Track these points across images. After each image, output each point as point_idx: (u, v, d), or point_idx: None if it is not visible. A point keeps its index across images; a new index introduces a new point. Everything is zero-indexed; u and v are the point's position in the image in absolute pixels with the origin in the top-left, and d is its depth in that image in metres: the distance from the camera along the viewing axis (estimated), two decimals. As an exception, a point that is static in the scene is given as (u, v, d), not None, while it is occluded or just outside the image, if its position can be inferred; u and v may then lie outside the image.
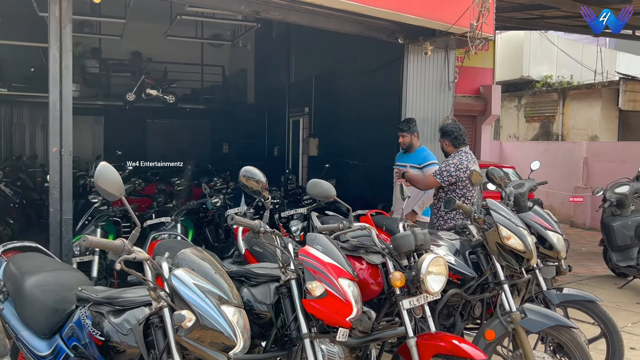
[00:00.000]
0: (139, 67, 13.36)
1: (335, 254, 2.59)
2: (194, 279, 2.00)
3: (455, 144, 4.92)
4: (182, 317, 1.91)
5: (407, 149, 5.67)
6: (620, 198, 6.90)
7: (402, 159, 5.79)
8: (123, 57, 13.60)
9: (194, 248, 2.20)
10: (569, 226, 12.57)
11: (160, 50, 13.18)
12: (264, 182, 2.55)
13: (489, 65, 12.52)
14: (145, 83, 12.59)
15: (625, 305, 6.09)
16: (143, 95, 12.63)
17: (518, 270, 3.47)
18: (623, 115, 14.24)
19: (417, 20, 5.48)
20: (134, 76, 12.98)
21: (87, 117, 14.73)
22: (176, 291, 1.98)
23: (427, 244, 3.01)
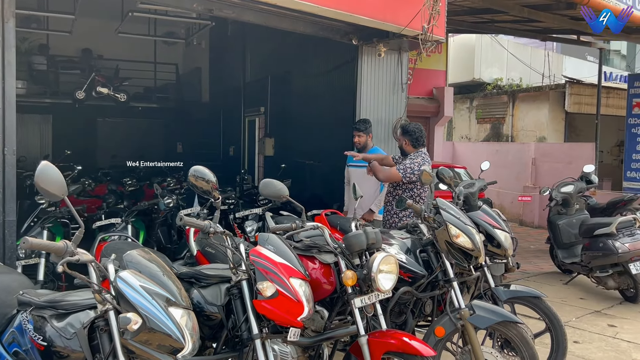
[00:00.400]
0: (89, 64, 13.00)
1: (287, 253, 2.58)
2: (140, 280, 1.96)
3: (415, 145, 5.01)
4: (128, 320, 1.87)
5: (362, 149, 5.74)
6: (566, 197, 7.16)
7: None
8: (73, 54, 13.19)
9: (141, 249, 2.16)
10: (518, 225, 12.95)
11: (111, 47, 12.85)
12: (214, 181, 2.52)
13: (441, 67, 12.74)
14: (96, 81, 12.26)
15: (570, 301, 6.32)
16: (93, 93, 12.30)
17: (467, 267, 3.55)
18: (569, 117, 14.77)
19: (370, 21, 5.53)
20: (84, 74, 12.62)
21: (34, 116, 14.20)
22: (122, 293, 1.94)
23: (378, 243, 3.05)
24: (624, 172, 11.93)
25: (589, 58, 21.07)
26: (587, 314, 5.84)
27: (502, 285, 4.06)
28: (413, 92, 12.12)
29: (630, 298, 6.26)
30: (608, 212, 7.87)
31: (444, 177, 4.27)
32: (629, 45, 25.91)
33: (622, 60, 27.78)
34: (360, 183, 5.29)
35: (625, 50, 27.34)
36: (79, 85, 12.27)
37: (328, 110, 7.94)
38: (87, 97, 12.31)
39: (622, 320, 5.62)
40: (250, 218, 6.74)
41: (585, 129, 14.90)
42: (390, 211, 5.15)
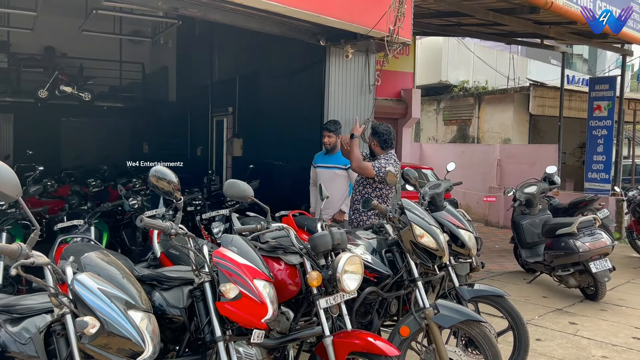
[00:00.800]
0: (53, 62, 12.68)
1: (251, 255, 2.56)
2: (98, 283, 1.92)
3: (384, 146, 5.00)
4: (85, 324, 1.82)
5: (331, 150, 5.76)
6: (529, 198, 7.31)
7: (324, 159, 5.84)
8: (35, 51, 12.86)
9: (100, 252, 2.11)
10: (484, 225, 13.16)
11: (75, 45, 12.54)
12: (176, 182, 2.47)
13: (409, 69, 12.87)
14: (59, 79, 11.98)
15: (533, 299, 6.44)
16: (57, 92, 12.01)
17: (431, 267, 3.58)
18: (533, 120, 15.09)
19: (337, 22, 5.54)
20: (47, 72, 12.31)
21: (-5, 115, 13.85)
22: (79, 297, 1.89)
23: (344, 244, 3.05)
24: (586, 173, 12.25)
25: (553, 62, 21.57)
26: (549, 312, 5.97)
27: (466, 284, 4.11)
28: (381, 94, 12.20)
29: (590, 296, 6.42)
30: (570, 212, 8.08)
31: (409, 177, 4.32)
32: (590, 50, 26.64)
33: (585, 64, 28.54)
34: (329, 184, 5.32)
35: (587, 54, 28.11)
36: (42, 83, 11.97)
37: (296, 110, 7.93)
38: (50, 95, 12.02)
39: (583, 318, 5.76)
40: (217, 219, 6.67)
41: (548, 131, 15.25)
42: (356, 211, 5.17)
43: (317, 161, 5.93)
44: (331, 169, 5.74)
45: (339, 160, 5.73)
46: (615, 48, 11.92)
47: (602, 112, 11.92)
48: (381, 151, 5.02)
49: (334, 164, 5.75)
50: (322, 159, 5.90)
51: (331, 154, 5.81)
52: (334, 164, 5.75)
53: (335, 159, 5.78)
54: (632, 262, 8.75)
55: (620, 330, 5.40)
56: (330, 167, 5.75)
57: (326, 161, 5.83)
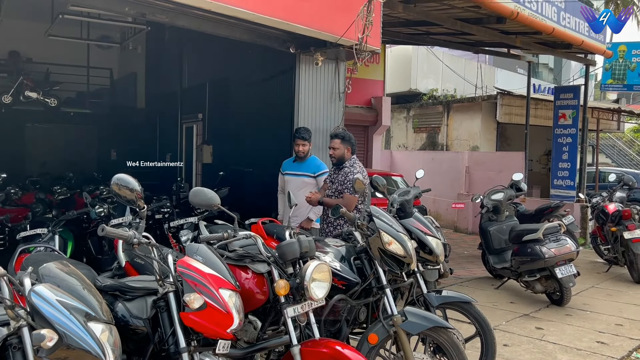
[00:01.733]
0: (17, 67, 12.38)
1: (217, 264, 2.53)
2: (57, 295, 1.86)
3: (353, 151, 5.22)
4: (42, 337, 1.77)
5: (304, 157, 5.74)
6: (496, 204, 7.42)
7: (293, 167, 5.82)
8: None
9: (60, 262, 2.06)
10: (453, 231, 13.30)
11: (41, 50, 12.28)
12: (139, 190, 2.43)
13: (379, 77, 12.99)
14: (24, 85, 11.71)
15: (501, 305, 6.53)
16: (21, 97, 11.73)
17: (399, 274, 3.60)
18: (500, 127, 15.35)
19: (306, 30, 5.56)
20: (12, 77, 12.01)
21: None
22: (37, 309, 1.84)
23: (312, 251, 3.04)
24: (551, 180, 12.50)
25: (519, 71, 22.02)
26: (517, 317, 6.05)
27: (434, 291, 4.14)
28: (352, 101, 12.28)
29: (556, 301, 6.53)
30: (536, 219, 8.23)
31: (377, 185, 4.34)
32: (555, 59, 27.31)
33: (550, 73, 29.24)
34: (297, 191, 5.31)
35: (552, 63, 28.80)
36: (6, 89, 11.68)
37: (267, 117, 7.91)
38: (14, 101, 11.73)
39: (549, 323, 5.86)
40: (185, 227, 6.58)
41: (515, 139, 15.52)
42: (326, 220, 5.18)
43: (285, 168, 5.90)
44: (300, 176, 5.72)
45: (308, 168, 5.72)
46: (579, 58, 12.22)
47: (567, 121, 12.20)
48: (350, 156, 5.16)
49: (303, 171, 5.74)
50: (290, 166, 5.86)
51: (300, 162, 5.79)
52: (303, 171, 5.74)
53: (305, 166, 5.76)
54: (596, 267, 8.95)
55: (585, 335, 5.50)
56: (300, 174, 5.73)
57: (295, 169, 5.80)
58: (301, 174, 5.72)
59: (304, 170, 5.72)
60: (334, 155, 5.25)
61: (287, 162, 5.95)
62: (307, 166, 5.74)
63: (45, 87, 12.06)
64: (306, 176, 5.70)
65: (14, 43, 12.19)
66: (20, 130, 13.56)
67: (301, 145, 5.68)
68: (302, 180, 5.69)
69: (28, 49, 12.46)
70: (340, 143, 5.17)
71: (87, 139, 13.97)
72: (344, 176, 5.08)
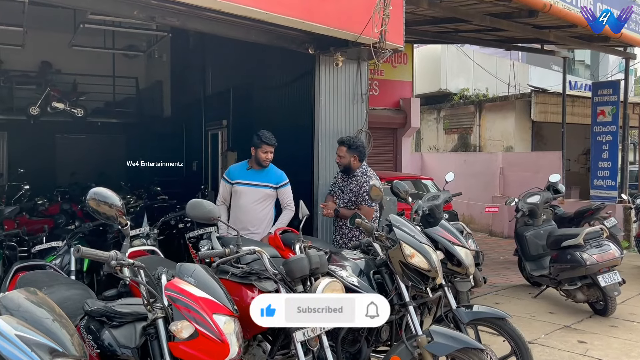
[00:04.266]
0: (45, 79, 12.51)
1: (212, 286, 2.27)
2: (17, 329, 1.63)
3: (361, 159, 4.94)
4: (-7, 380, 1.54)
5: (265, 165, 4.99)
6: (532, 208, 6.99)
7: (248, 176, 4.98)
8: (27, 68, 12.69)
9: (26, 290, 1.82)
10: (488, 235, 12.83)
11: (67, 60, 12.41)
12: (119, 206, 2.18)
13: (407, 78, 12.64)
14: (51, 96, 11.80)
15: (539, 315, 6.10)
16: (49, 108, 11.83)
17: (424, 290, 3.28)
18: (535, 126, 14.79)
19: (324, 29, 5.28)
20: (39, 88, 12.14)
21: (-12, 133, 13.68)
22: (-8, 345, 1.60)
23: (323, 267, 2.76)
24: (591, 181, 11.93)
25: (554, 68, 21.30)
26: (557, 329, 5.63)
27: (465, 306, 3.79)
28: (379, 104, 11.99)
29: (599, 311, 6.07)
30: (576, 222, 7.77)
31: (399, 191, 4.00)
32: (592, 56, 26.41)
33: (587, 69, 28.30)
34: (259, 205, 4.92)
35: (589, 60, 27.87)
36: (34, 100, 11.80)
37: (288, 122, 7.66)
38: (42, 112, 11.84)
39: (592, 336, 5.42)
40: (205, 237, 6.39)
41: (551, 138, 14.94)
42: (339, 231, 4.94)
43: (236, 177, 4.96)
44: (261, 187, 4.94)
45: (269, 178, 5.00)
46: (617, 52, 11.64)
47: (606, 118, 11.62)
48: (358, 164, 4.95)
49: (264, 182, 4.95)
50: (245, 174, 4.97)
51: (258, 170, 4.97)
52: (264, 182, 4.95)
53: (265, 176, 4.99)
54: (642, 272, 8.40)
55: (634, 349, 5.06)
56: (260, 185, 4.94)
57: (253, 178, 4.95)
58: (263, 184, 4.94)
59: (265, 181, 4.96)
60: (340, 162, 5.03)
61: (237, 169, 5.05)
62: (267, 176, 4.99)
63: (72, 98, 12.15)
64: (268, 187, 4.96)
65: (41, 54, 12.33)
66: (48, 141, 13.70)
67: (270, 152, 4.93)
68: (264, 192, 4.95)
69: (54, 60, 12.59)
70: (346, 151, 4.95)
71: (114, 148, 14.03)
72: (358, 186, 4.84)
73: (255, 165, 4.95)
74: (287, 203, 5.04)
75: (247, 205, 4.86)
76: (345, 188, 5.00)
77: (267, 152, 4.91)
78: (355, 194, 4.85)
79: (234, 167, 5.10)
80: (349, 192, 4.94)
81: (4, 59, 12.56)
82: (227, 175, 5.03)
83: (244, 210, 4.87)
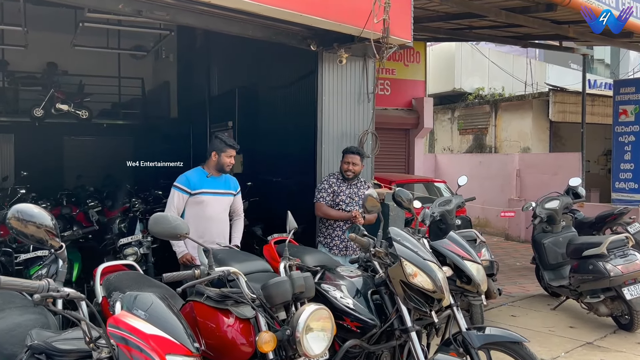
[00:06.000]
0: (50, 80, 12.31)
1: (168, 320, 1.90)
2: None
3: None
4: None
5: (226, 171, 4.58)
6: (551, 214, 6.56)
7: (210, 184, 4.48)
8: (31, 69, 12.51)
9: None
10: (504, 239, 12.39)
11: (71, 61, 12.19)
12: (50, 226, 1.81)
13: (420, 77, 12.24)
14: (55, 97, 11.57)
15: (559, 330, 5.67)
16: (53, 110, 11.61)
17: (428, 313, 2.89)
18: (554, 127, 14.27)
19: (325, 23, 4.90)
20: (44, 90, 11.93)
21: (-3, 135, 13.57)
22: None
23: (308, 292, 2.40)
24: (612, 183, 11.40)
25: (573, 66, 20.68)
26: (578, 346, 5.20)
27: (476, 327, 3.40)
28: (391, 104, 11.60)
29: (624, 326, 5.62)
30: (597, 227, 7.31)
31: (401, 200, 3.57)
32: (612, 53, 25.69)
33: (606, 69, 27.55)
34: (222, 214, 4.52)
35: (609, 59, 27.13)
36: (38, 102, 11.59)
37: (291, 124, 7.34)
38: (46, 114, 11.62)
39: (617, 354, 4.98)
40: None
41: (570, 138, 14.42)
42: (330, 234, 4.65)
43: (199, 185, 4.42)
44: (225, 195, 4.55)
45: (228, 185, 4.60)
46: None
47: (628, 117, 11.09)
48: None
49: (226, 189, 4.56)
50: (206, 183, 4.46)
51: (217, 177, 4.52)
52: (226, 189, 4.56)
53: (224, 183, 4.58)
54: (669, 281, 7.89)
55: (663, 370, 4.63)
56: (224, 193, 4.55)
57: (216, 186, 4.50)
58: (226, 192, 4.55)
59: (227, 188, 4.58)
60: (352, 170, 4.79)
61: (196, 177, 4.47)
62: (226, 183, 4.60)
63: (76, 99, 11.91)
64: (231, 195, 4.60)
65: (45, 55, 12.14)
66: (53, 143, 13.54)
67: (233, 157, 4.52)
68: (228, 200, 4.58)
69: (58, 61, 12.39)
70: (360, 160, 4.85)
71: (119, 150, 13.79)
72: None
73: (215, 172, 4.48)
74: (240, 211, 4.73)
75: (216, 216, 4.43)
76: (356, 194, 4.88)
77: (231, 157, 4.48)
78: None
79: (190, 175, 4.48)
80: (359, 198, 4.83)
81: (9, 60, 12.40)
82: (185, 184, 4.39)
83: (214, 222, 4.42)
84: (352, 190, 4.89)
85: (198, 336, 2.53)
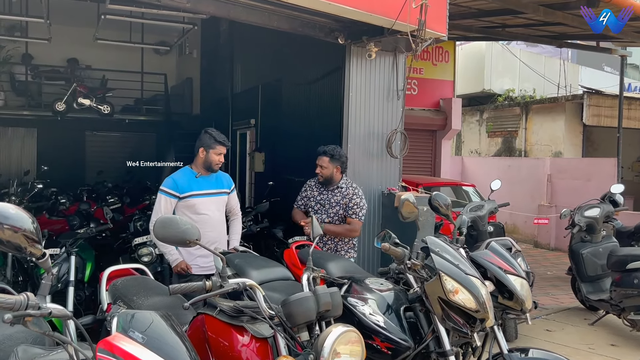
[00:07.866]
0: (72, 74, 12.23)
1: (169, 343, 1.62)
2: None
3: (343, 171, 4.60)
4: None
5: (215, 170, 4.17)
6: (591, 222, 6.13)
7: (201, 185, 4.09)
8: (55, 63, 12.46)
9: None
10: (533, 246, 11.94)
11: (94, 56, 12.12)
12: (31, 230, 1.50)
13: (449, 77, 11.86)
14: (77, 92, 11.48)
15: (599, 349, 5.27)
16: (75, 105, 11.51)
17: (469, 335, 2.56)
18: (587, 131, 13.74)
19: (355, 13, 4.60)
20: (66, 84, 11.85)
21: (18, 129, 13.54)
22: None
23: (335, 310, 2.08)
24: (650, 190, 10.89)
25: (606, 69, 20.05)
26: (621, 367, 4.81)
27: (518, 349, 3.05)
28: (418, 104, 11.25)
29: (672, 346, 5.22)
30: (637, 237, 6.89)
31: (439, 205, 3.23)
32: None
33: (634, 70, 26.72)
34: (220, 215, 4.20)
35: (639, 61, 26.31)
36: (60, 96, 11.51)
37: (316, 121, 7.05)
38: (69, 109, 11.54)
39: (666, 378, 4.59)
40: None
41: (602, 143, 13.90)
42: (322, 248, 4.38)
43: (188, 188, 4.01)
44: (220, 195, 4.19)
45: (222, 183, 4.24)
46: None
47: (668, 122, 10.58)
48: (340, 176, 4.57)
49: (219, 188, 4.19)
50: (198, 183, 4.07)
51: (208, 176, 4.13)
52: (219, 188, 4.19)
53: (217, 181, 4.22)
54: None
55: None
56: (218, 192, 4.17)
57: (208, 186, 4.12)
58: (219, 191, 4.18)
59: (220, 187, 4.20)
60: (321, 173, 4.51)
61: (184, 179, 4.05)
62: (218, 181, 4.22)
63: (99, 94, 11.80)
64: (225, 194, 4.23)
65: (68, 49, 12.08)
66: (75, 138, 13.46)
67: (223, 155, 4.13)
68: (222, 200, 4.21)
69: (80, 54, 12.32)
70: (329, 162, 4.49)
71: (141, 146, 13.68)
72: (345, 198, 4.45)
73: (204, 171, 4.08)
74: (237, 210, 4.37)
75: (210, 219, 4.05)
76: (328, 201, 4.53)
77: (220, 154, 4.08)
78: (343, 206, 4.45)
79: (178, 177, 4.06)
80: (335, 205, 4.49)
81: (33, 54, 12.37)
82: (172, 188, 3.98)
83: (209, 225, 4.02)
84: (324, 196, 4.54)
85: (208, 354, 2.25)
